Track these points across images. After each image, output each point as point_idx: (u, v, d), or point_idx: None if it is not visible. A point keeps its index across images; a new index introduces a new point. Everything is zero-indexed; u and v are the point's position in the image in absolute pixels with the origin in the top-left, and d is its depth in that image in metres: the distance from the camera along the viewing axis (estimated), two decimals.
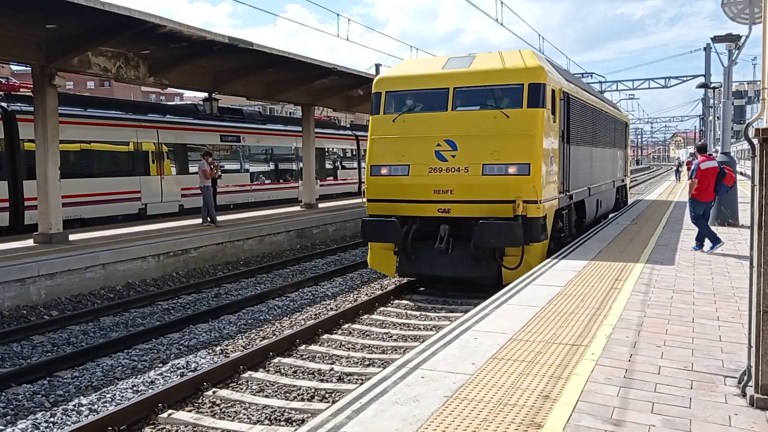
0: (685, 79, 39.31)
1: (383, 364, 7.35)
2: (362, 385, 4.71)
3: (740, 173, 26.17)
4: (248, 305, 10.59)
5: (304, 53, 40.92)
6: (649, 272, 8.44)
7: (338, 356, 7.81)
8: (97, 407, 6.30)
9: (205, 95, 18.73)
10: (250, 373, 7.12)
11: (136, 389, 6.79)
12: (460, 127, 10.29)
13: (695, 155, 13.89)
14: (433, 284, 11.41)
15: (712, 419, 3.86)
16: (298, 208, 21.06)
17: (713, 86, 28.69)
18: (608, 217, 17.47)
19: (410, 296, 11.06)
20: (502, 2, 16.71)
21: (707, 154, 10.89)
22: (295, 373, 7.26)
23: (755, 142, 3.98)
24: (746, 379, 4.21)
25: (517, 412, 3.94)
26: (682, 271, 8.64)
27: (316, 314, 9.95)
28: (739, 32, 15.39)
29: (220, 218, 16.40)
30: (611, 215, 17.70)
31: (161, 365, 7.60)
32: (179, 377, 7.07)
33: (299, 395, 6.51)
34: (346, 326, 9.17)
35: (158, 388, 6.64)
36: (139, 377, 7.16)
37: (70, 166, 16.12)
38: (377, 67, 28.05)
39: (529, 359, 4.95)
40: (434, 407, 4.03)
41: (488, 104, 10.39)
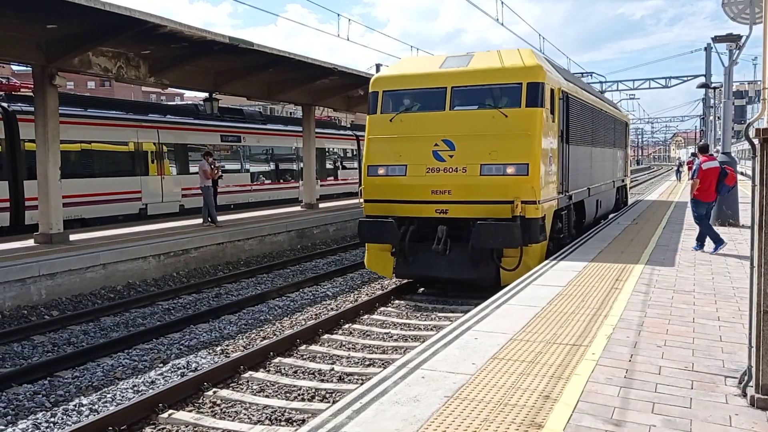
0: (685, 79, 39.32)
1: (384, 364, 7.35)
2: (363, 385, 4.72)
3: (741, 173, 26.13)
4: (249, 305, 10.60)
5: (304, 53, 40.88)
6: (649, 272, 8.44)
7: (339, 356, 7.81)
8: (97, 407, 6.30)
9: (205, 95, 18.72)
10: (250, 373, 7.13)
11: (136, 389, 6.79)
12: (457, 126, 10.19)
13: (696, 155, 13.89)
14: (433, 284, 11.39)
15: (712, 419, 3.86)
16: (298, 208, 21.07)
17: (714, 86, 28.70)
18: (608, 217, 17.44)
19: (410, 296, 11.06)
20: (502, 2, 16.69)
21: (708, 154, 10.88)
22: (295, 373, 7.26)
23: (756, 142, 3.98)
24: (747, 379, 4.21)
25: (517, 412, 3.94)
26: (682, 271, 8.63)
27: (316, 314, 9.95)
28: (739, 32, 15.42)
29: (220, 218, 16.41)
30: (611, 216, 17.67)
31: (162, 365, 7.60)
32: (180, 377, 7.07)
33: (300, 395, 6.51)
34: (346, 326, 9.18)
35: (159, 388, 6.64)
36: (139, 377, 7.17)
37: (70, 166, 16.14)
38: (377, 67, 28.00)
39: (529, 359, 4.95)
40: (435, 407, 4.03)
41: (486, 104, 10.30)
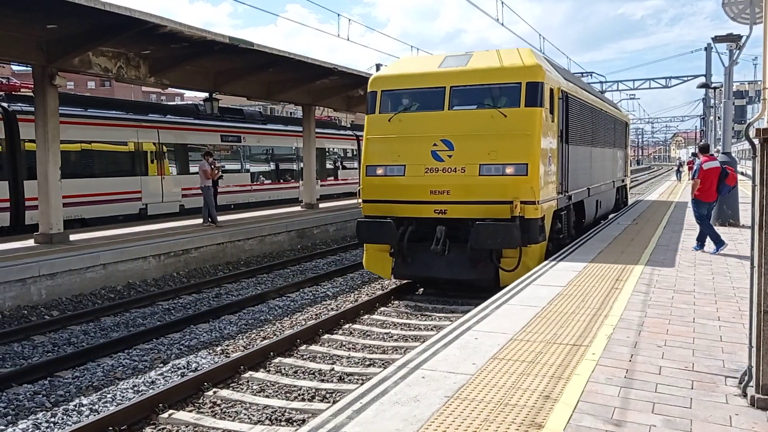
0: (685, 79, 39.31)
1: (384, 364, 7.35)
2: (363, 385, 4.72)
3: (741, 173, 26.14)
4: (249, 305, 10.60)
5: (304, 53, 40.88)
6: (649, 272, 8.43)
7: (339, 356, 7.81)
8: (97, 407, 6.30)
9: (205, 95, 18.71)
10: (250, 373, 7.13)
11: (136, 389, 6.79)
12: (456, 126, 10.13)
13: (697, 155, 13.88)
14: (432, 285, 11.37)
15: (712, 419, 3.86)
16: (298, 208, 21.06)
17: (714, 86, 28.70)
18: (608, 217, 17.43)
19: (411, 296, 11.06)
20: (502, 2, 16.68)
21: (709, 154, 10.87)
22: (295, 373, 7.26)
23: (756, 142, 3.98)
24: (747, 379, 4.21)
25: (517, 412, 3.94)
26: (682, 271, 8.63)
27: (316, 314, 9.95)
28: (739, 32, 15.43)
29: (220, 218, 16.41)
30: (611, 216, 17.66)
31: (162, 365, 7.60)
32: (180, 377, 7.07)
33: (300, 395, 6.51)
34: (346, 326, 9.17)
35: (159, 388, 6.64)
36: (139, 377, 7.17)
37: (70, 166, 16.14)
38: (377, 67, 27.99)
39: (529, 359, 4.95)
40: (435, 407, 4.03)
41: (485, 103, 10.25)
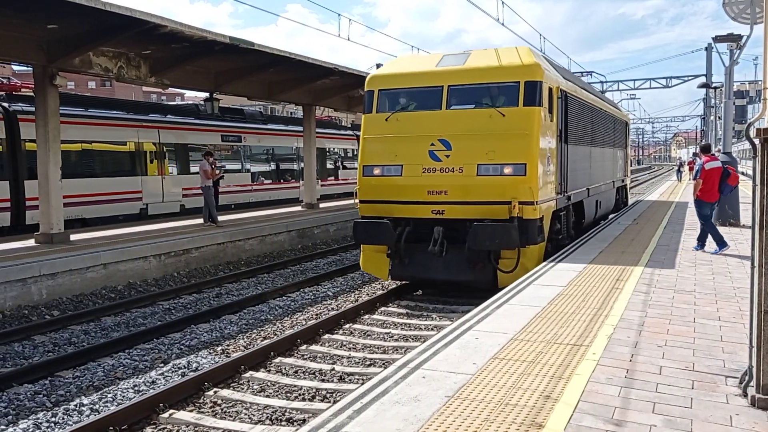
0: (686, 79, 39.32)
1: (384, 364, 7.35)
2: (363, 385, 4.71)
3: (741, 173, 26.12)
4: (249, 305, 10.60)
5: (305, 53, 40.87)
6: (650, 272, 8.43)
7: (339, 356, 7.81)
8: (98, 407, 6.31)
9: (206, 95, 18.72)
10: (251, 373, 7.13)
11: (137, 389, 6.79)
12: (454, 126, 10.05)
13: (698, 155, 13.89)
14: (432, 285, 11.34)
15: (713, 419, 3.86)
16: (299, 208, 21.07)
17: (714, 86, 28.72)
18: (608, 218, 17.41)
19: (411, 296, 11.05)
20: (503, 2, 16.68)
21: (710, 154, 10.87)
22: (296, 373, 7.26)
23: (756, 142, 3.98)
24: (747, 379, 4.21)
25: (518, 412, 3.94)
26: (683, 271, 8.63)
27: (317, 314, 9.95)
28: (740, 32, 15.44)
29: (221, 218, 16.41)
30: (611, 216, 17.64)
31: (162, 365, 7.60)
32: (180, 377, 7.07)
33: (300, 395, 6.51)
34: (347, 326, 9.17)
35: (159, 387, 6.64)
36: (140, 377, 7.17)
37: (71, 166, 16.16)
38: (378, 66, 28.01)
39: (530, 359, 4.95)
40: (435, 407, 4.03)
41: (483, 103, 10.17)
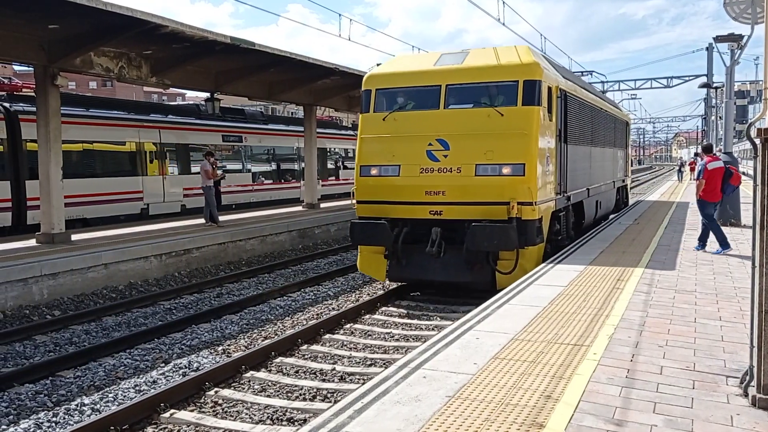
0: (687, 78, 39.26)
1: (385, 364, 7.35)
2: (364, 384, 4.71)
3: (742, 173, 26.10)
4: (250, 305, 10.60)
5: (305, 53, 40.89)
6: (651, 272, 8.43)
7: (340, 356, 7.81)
8: (99, 407, 6.31)
9: (207, 95, 18.72)
10: (252, 372, 7.13)
11: (138, 389, 6.80)
12: (452, 125, 9.96)
13: (699, 155, 13.88)
14: (432, 285, 11.31)
15: (714, 419, 3.86)
16: (300, 208, 21.07)
17: (715, 86, 28.68)
18: (608, 218, 17.39)
19: (412, 296, 11.05)
20: (504, 2, 16.68)
21: (712, 154, 10.86)
22: (297, 372, 7.26)
23: (757, 142, 3.98)
24: (748, 379, 4.20)
25: (519, 412, 3.94)
26: (684, 271, 8.63)
27: (318, 314, 9.96)
28: (741, 32, 15.42)
29: (222, 218, 16.41)
30: (611, 216, 17.62)
31: (163, 365, 7.61)
32: (181, 377, 7.07)
33: (301, 395, 6.51)
34: (348, 326, 9.17)
35: (160, 387, 6.65)
36: (141, 377, 7.18)
37: (72, 166, 16.16)
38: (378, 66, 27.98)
39: (531, 359, 4.95)
40: (436, 407, 4.03)
41: (482, 102, 10.08)
